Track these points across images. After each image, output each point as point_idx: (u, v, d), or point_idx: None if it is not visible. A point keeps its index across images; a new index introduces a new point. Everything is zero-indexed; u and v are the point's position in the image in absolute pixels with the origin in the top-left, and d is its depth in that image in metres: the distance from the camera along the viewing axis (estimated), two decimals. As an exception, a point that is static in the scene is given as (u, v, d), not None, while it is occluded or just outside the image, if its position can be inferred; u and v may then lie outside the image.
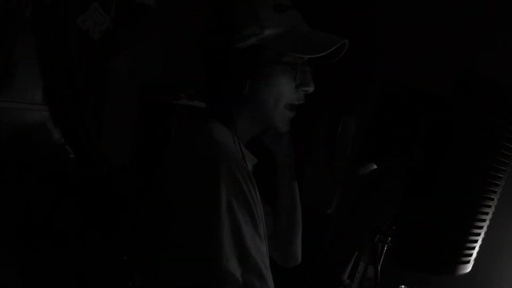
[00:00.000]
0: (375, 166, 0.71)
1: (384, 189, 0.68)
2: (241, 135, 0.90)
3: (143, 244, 0.87)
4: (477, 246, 0.71)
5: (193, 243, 0.74)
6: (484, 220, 0.69)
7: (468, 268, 0.72)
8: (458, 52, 1.56)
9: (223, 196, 0.73)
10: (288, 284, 0.88)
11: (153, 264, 0.82)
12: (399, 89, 0.74)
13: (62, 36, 2.06)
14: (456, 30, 1.59)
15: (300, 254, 1.07)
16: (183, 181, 0.78)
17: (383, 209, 0.70)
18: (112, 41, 2.24)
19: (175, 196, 0.78)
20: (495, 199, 0.70)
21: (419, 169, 0.65)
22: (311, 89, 0.89)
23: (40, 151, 2.08)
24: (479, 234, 0.69)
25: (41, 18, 2.01)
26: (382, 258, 0.80)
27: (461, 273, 0.71)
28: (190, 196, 0.76)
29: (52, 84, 2.11)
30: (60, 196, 1.85)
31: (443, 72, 0.80)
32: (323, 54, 0.81)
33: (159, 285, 0.81)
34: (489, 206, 0.69)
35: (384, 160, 0.72)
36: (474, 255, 0.72)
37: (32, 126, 2.12)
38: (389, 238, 0.77)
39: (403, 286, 1.37)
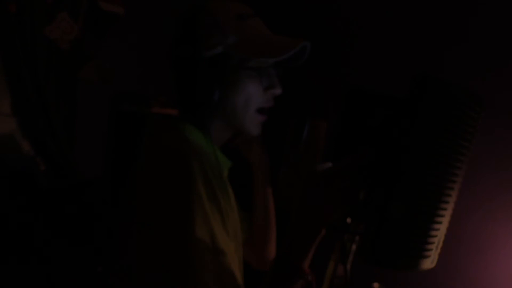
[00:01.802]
0: (330, 165, 0.74)
1: (336, 188, 0.70)
2: (214, 139, 0.93)
3: (118, 252, 0.87)
4: (440, 241, 0.74)
5: (166, 236, 0.75)
6: (443, 216, 0.71)
7: (433, 263, 0.75)
8: (416, 55, 1.62)
9: (194, 190, 0.74)
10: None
11: (129, 270, 0.82)
12: (362, 92, 0.77)
13: (29, 47, 2.03)
14: (416, 33, 1.66)
15: None
16: (154, 178, 0.80)
17: (336, 205, 0.72)
18: (81, 51, 2.22)
19: (147, 194, 0.79)
20: (454, 195, 0.73)
21: (374, 167, 0.67)
22: (278, 91, 0.93)
23: (9, 163, 2.03)
24: (439, 229, 0.72)
25: (7, 29, 1.97)
26: (351, 256, 0.82)
27: (425, 268, 0.73)
28: (161, 192, 0.77)
29: (20, 95, 2.07)
30: (31, 209, 1.82)
31: (404, 74, 0.84)
32: (285, 56, 0.85)
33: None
34: (448, 202, 0.72)
35: (338, 159, 0.74)
36: (438, 250, 0.75)
37: (1, 137, 2.07)
38: (357, 236, 0.80)
39: (376, 284, 1.41)
